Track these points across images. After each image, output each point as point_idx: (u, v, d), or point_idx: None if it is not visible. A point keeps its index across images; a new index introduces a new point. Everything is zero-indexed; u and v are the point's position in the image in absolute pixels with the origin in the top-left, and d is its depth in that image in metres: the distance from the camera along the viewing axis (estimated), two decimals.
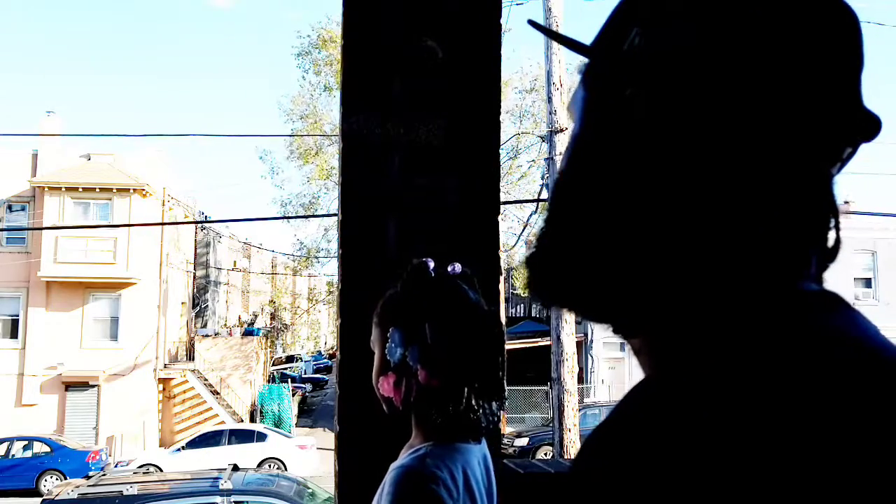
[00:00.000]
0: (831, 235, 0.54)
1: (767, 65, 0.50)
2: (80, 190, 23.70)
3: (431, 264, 1.35)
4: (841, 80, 0.52)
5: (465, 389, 1.26)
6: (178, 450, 19.15)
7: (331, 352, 50.53)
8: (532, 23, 0.66)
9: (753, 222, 0.50)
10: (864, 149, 0.55)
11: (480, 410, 1.27)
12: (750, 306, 0.49)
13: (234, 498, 8.51)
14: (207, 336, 29.07)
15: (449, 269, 1.35)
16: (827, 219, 0.53)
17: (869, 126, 0.52)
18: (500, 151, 2.05)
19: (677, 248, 0.51)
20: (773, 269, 0.51)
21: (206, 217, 31.28)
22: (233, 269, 37.79)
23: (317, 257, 27.16)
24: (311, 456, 18.93)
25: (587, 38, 0.60)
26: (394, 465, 1.27)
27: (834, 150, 0.52)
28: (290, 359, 42.97)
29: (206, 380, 25.93)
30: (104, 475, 10.57)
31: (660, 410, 0.47)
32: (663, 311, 0.53)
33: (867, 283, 25.02)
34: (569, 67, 11.06)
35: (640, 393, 0.51)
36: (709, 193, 0.50)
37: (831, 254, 0.54)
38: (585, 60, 0.58)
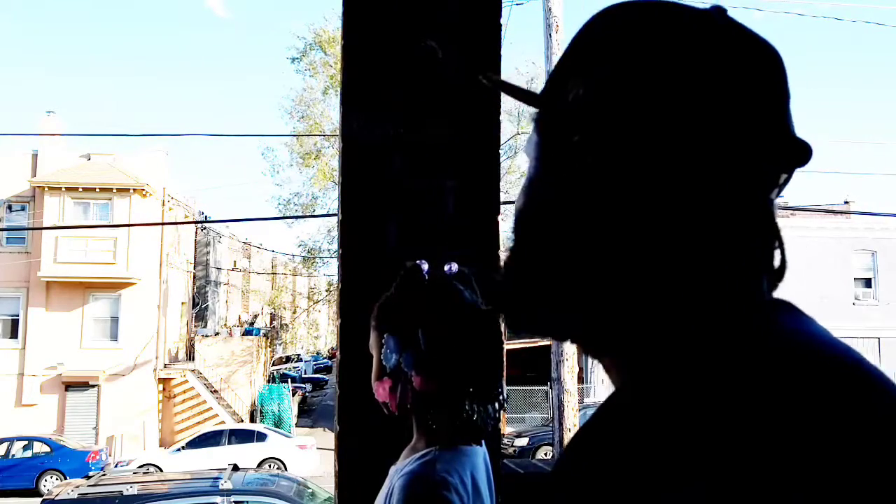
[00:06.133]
0: (777, 256, 0.58)
1: (702, 106, 0.55)
2: (80, 190, 23.70)
3: (425, 266, 1.34)
4: (769, 114, 0.56)
5: (462, 393, 1.25)
6: (178, 450, 19.15)
7: (331, 352, 50.49)
8: (485, 77, 0.71)
9: (700, 248, 0.55)
10: (865, 149, 0.57)
11: (476, 414, 1.27)
12: (704, 319, 0.54)
13: (234, 498, 8.51)
14: (207, 336, 29.07)
15: (445, 268, 1.34)
16: (771, 241, 0.58)
17: (800, 153, 0.57)
18: (500, 151, 2.05)
19: (632, 274, 0.56)
20: (724, 288, 0.55)
21: (206, 217, 31.27)
22: (233, 269, 37.78)
23: (318, 257, 27.17)
24: (311, 456, 18.93)
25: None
26: (400, 470, 1.26)
27: (770, 178, 0.57)
28: (290, 359, 42.94)
29: (206, 380, 25.92)
30: (104, 475, 10.57)
31: (632, 414, 0.52)
32: (625, 333, 0.57)
33: (867, 283, 24.99)
34: None
35: (614, 402, 0.55)
36: (656, 225, 0.55)
37: (779, 274, 0.58)
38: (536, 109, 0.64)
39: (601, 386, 24.55)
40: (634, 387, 0.54)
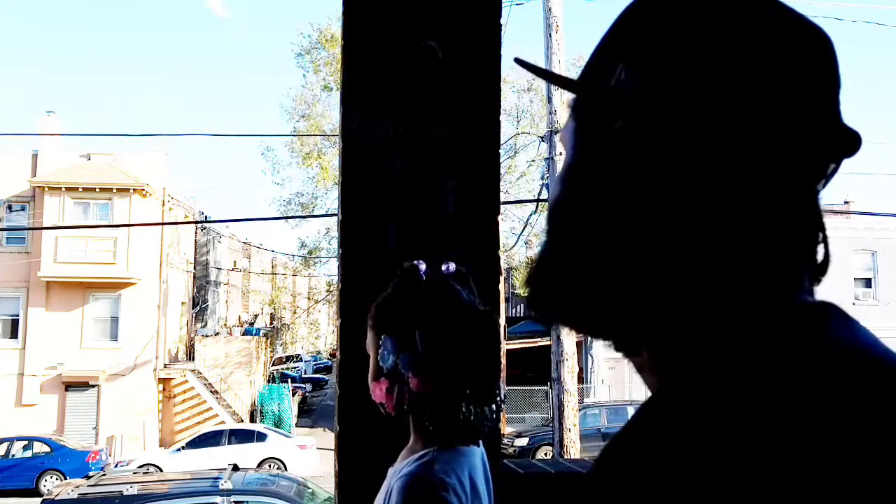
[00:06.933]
0: (820, 250, 0.56)
1: (749, 92, 0.52)
2: (80, 190, 23.70)
3: (423, 267, 1.33)
4: (819, 101, 0.54)
5: (459, 395, 1.25)
6: (178, 450, 19.15)
7: (331, 352, 50.49)
8: (518, 61, 0.68)
9: (744, 240, 0.52)
10: (865, 149, 0.56)
11: (473, 416, 1.26)
12: (749, 318, 0.51)
13: (234, 498, 8.51)
14: (207, 336, 29.08)
15: (443, 268, 1.34)
16: (815, 234, 0.55)
17: (849, 142, 0.54)
18: (500, 151, 2.05)
19: (672, 265, 0.53)
20: (767, 282, 0.53)
21: (206, 217, 31.27)
22: (233, 269, 37.78)
23: (318, 257, 27.18)
24: (311, 456, 18.93)
25: (585, 36, 0.60)
26: (398, 472, 1.26)
27: (818, 168, 0.55)
28: (290, 359, 42.95)
29: (206, 380, 25.92)
30: (104, 475, 10.56)
31: (671, 424, 0.49)
32: (663, 326, 0.54)
33: (867, 283, 24.99)
34: (569, 67, 11.06)
35: (650, 408, 0.53)
36: (699, 215, 0.53)
37: (822, 268, 0.56)
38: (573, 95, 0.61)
39: (601, 386, 24.55)
40: (675, 392, 0.52)
